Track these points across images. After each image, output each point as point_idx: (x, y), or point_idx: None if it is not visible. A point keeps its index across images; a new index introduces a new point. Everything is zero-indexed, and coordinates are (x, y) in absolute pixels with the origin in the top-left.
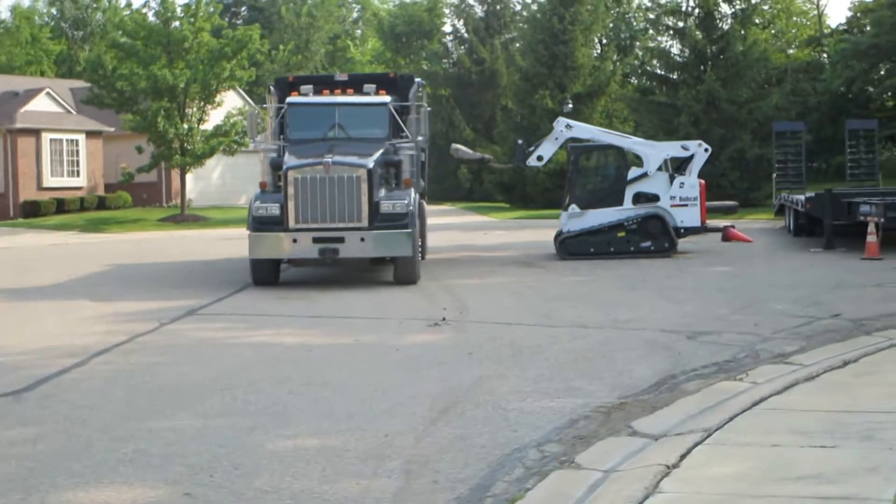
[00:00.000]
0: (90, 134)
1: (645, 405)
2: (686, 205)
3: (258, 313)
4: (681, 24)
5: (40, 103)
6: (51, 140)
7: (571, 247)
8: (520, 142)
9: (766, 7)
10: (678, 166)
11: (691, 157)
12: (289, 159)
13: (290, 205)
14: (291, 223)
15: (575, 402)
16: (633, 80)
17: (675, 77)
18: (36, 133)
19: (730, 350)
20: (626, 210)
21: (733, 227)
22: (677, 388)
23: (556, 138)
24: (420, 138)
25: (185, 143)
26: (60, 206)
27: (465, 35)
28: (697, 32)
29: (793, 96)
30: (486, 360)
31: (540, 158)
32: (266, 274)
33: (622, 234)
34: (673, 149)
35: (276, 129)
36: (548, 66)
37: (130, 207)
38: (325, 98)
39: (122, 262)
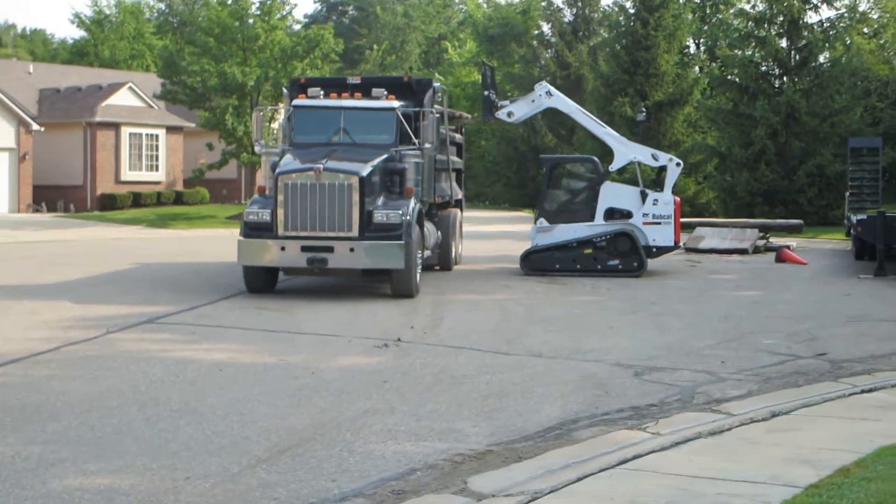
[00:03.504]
0: (170, 129)
1: (509, 455)
2: (659, 223)
3: (217, 325)
4: (762, 32)
5: (122, 97)
6: (130, 134)
7: (536, 262)
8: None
9: (874, 15)
10: (654, 181)
11: (663, 171)
12: (283, 164)
13: (280, 211)
14: (280, 230)
15: (437, 447)
16: (713, 90)
17: (753, 87)
18: (115, 127)
19: (667, 391)
20: (597, 226)
21: (789, 247)
22: (568, 435)
23: (533, 101)
24: (427, 145)
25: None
26: (137, 200)
27: (553, 39)
28: (780, 41)
29: (892, 110)
30: (393, 391)
31: (510, 115)
32: (259, 281)
33: (589, 250)
34: (642, 154)
35: (285, 131)
36: (629, 73)
37: (208, 203)
38: (331, 101)
39: (153, 260)
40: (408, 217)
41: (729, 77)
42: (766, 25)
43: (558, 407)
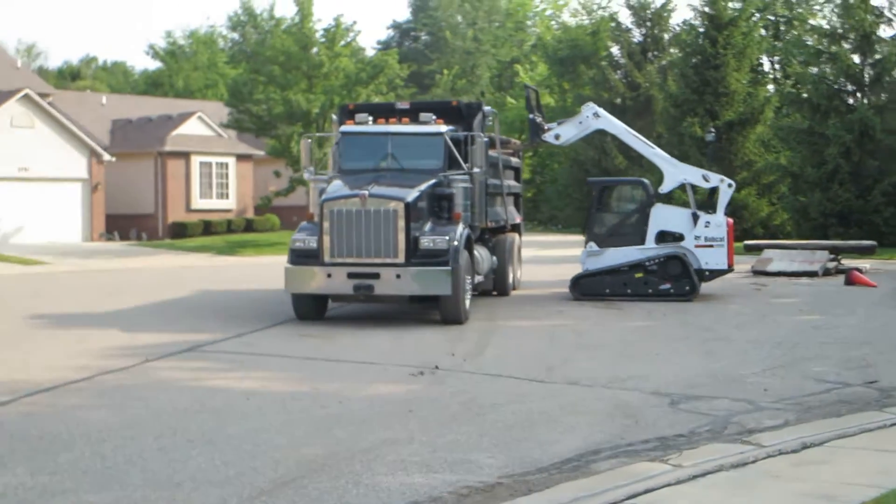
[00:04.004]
0: (240, 157)
1: (518, 488)
2: (712, 245)
3: (258, 352)
4: (834, 47)
5: (191, 127)
6: (200, 162)
7: (585, 287)
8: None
9: None
10: (706, 203)
11: (715, 192)
12: (329, 191)
13: (326, 238)
14: (326, 257)
15: (446, 479)
16: (785, 108)
17: (825, 105)
18: (185, 156)
19: (699, 421)
20: (648, 249)
21: (860, 270)
22: (586, 467)
23: (580, 122)
24: (476, 170)
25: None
26: (207, 228)
27: (622, 60)
28: (852, 56)
29: None
30: (416, 420)
31: (557, 137)
32: (307, 309)
33: (640, 274)
34: (693, 175)
35: (334, 158)
36: (698, 92)
37: (278, 230)
38: (378, 127)
39: (214, 288)
40: (455, 243)
41: (802, 95)
42: (837, 41)
43: (582, 437)
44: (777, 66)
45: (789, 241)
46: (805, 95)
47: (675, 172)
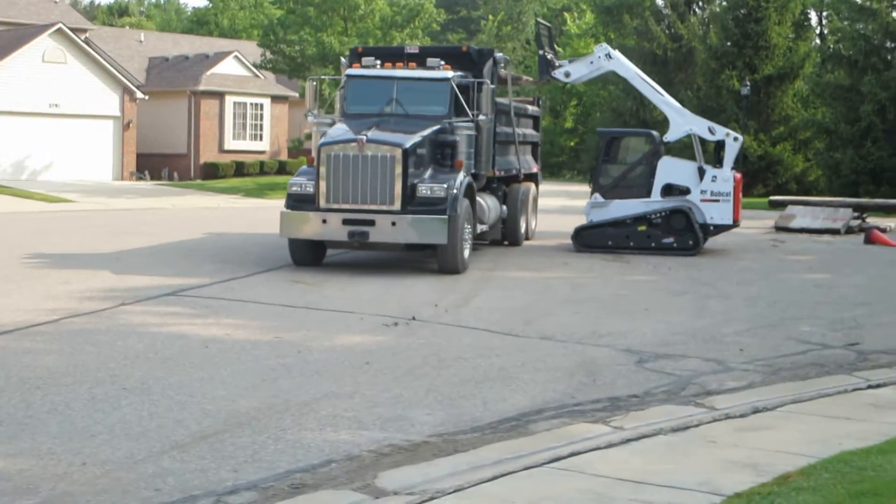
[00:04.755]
0: (275, 98)
1: (444, 448)
2: (718, 200)
3: (238, 298)
4: (875, 4)
5: (227, 66)
6: (234, 103)
7: (587, 239)
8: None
9: None
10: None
11: (722, 146)
12: (328, 135)
13: (322, 184)
14: (322, 203)
15: (373, 437)
16: (824, 64)
17: (863, 62)
18: (220, 96)
19: (660, 381)
20: (653, 202)
21: (884, 229)
22: (523, 427)
23: (592, 62)
24: (482, 117)
25: None
26: (240, 170)
27: (666, 11)
28: (893, 13)
29: None
30: (370, 373)
31: (567, 75)
32: (303, 254)
33: (643, 227)
34: (699, 126)
35: (340, 101)
36: (738, 45)
37: None
38: (384, 71)
39: (228, 230)
40: (454, 191)
41: (841, 51)
42: None
43: (532, 395)
44: (825, 21)
45: (813, 197)
46: (843, 52)
47: (682, 122)
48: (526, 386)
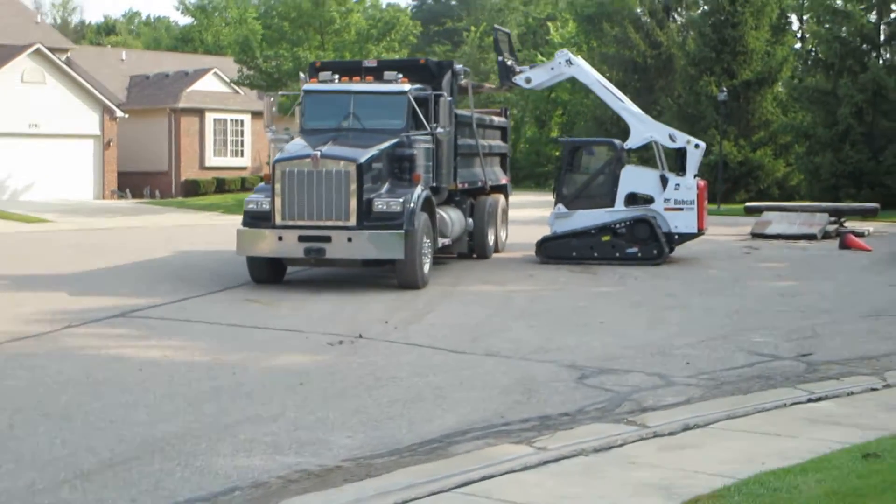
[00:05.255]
0: (256, 114)
1: (357, 473)
2: (681, 209)
3: (186, 318)
4: (849, 6)
5: (207, 83)
6: (214, 120)
7: (551, 250)
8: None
9: None
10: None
11: (684, 153)
12: (284, 150)
13: (277, 200)
14: (278, 219)
15: (285, 462)
16: (801, 68)
17: (839, 64)
18: (200, 112)
19: (596, 398)
20: (617, 212)
21: (860, 234)
22: (444, 449)
23: (552, 68)
24: (440, 130)
25: None
26: (220, 186)
27: (644, 18)
28: (868, 15)
29: None
30: (299, 395)
31: (528, 80)
32: (262, 272)
33: (607, 237)
34: (660, 133)
35: (298, 117)
36: (716, 51)
37: None
38: (341, 86)
39: (198, 248)
40: (411, 205)
41: (817, 54)
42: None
43: (460, 415)
44: (804, 25)
45: (789, 202)
46: (821, 56)
47: (643, 129)
48: (457, 405)
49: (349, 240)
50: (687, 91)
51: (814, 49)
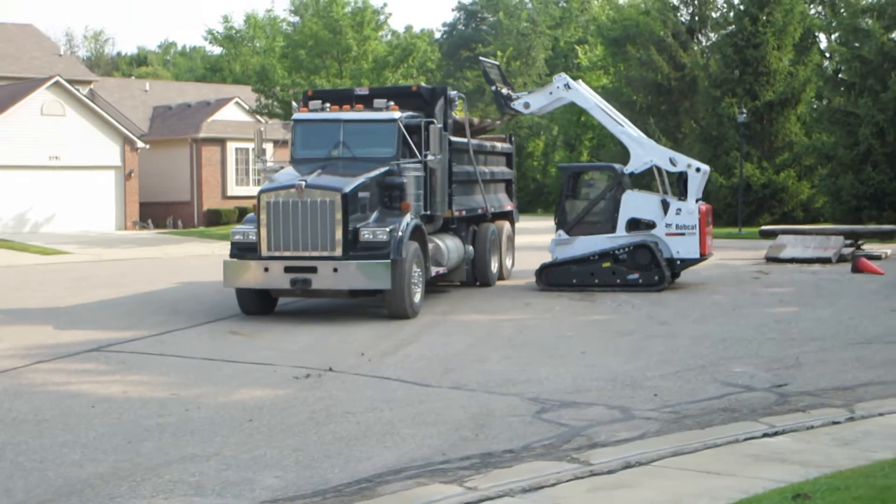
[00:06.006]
0: (278, 143)
1: None
2: (683, 233)
3: (160, 353)
4: (868, 21)
5: (228, 112)
6: (236, 149)
7: (551, 277)
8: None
9: None
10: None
11: (685, 178)
12: (270, 180)
13: (263, 231)
14: (264, 251)
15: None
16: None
17: (859, 84)
18: (221, 142)
19: (547, 433)
20: (618, 238)
21: (872, 256)
22: (372, 489)
23: (551, 93)
24: (431, 157)
25: None
26: (243, 215)
27: (668, 40)
28: (889, 34)
29: None
30: (245, 432)
31: (527, 106)
32: (251, 304)
33: (608, 264)
34: (660, 157)
35: (290, 147)
36: (738, 71)
37: None
38: (331, 114)
39: (204, 279)
40: (399, 234)
41: (840, 75)
42: (874, 18)
43: (403, 453)
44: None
45: (804, 226)
46: (843, 75)
47: (642, 154)
48: (402, 442)
49: (335, 270)
50: (709, 113)
51: (835, 68)
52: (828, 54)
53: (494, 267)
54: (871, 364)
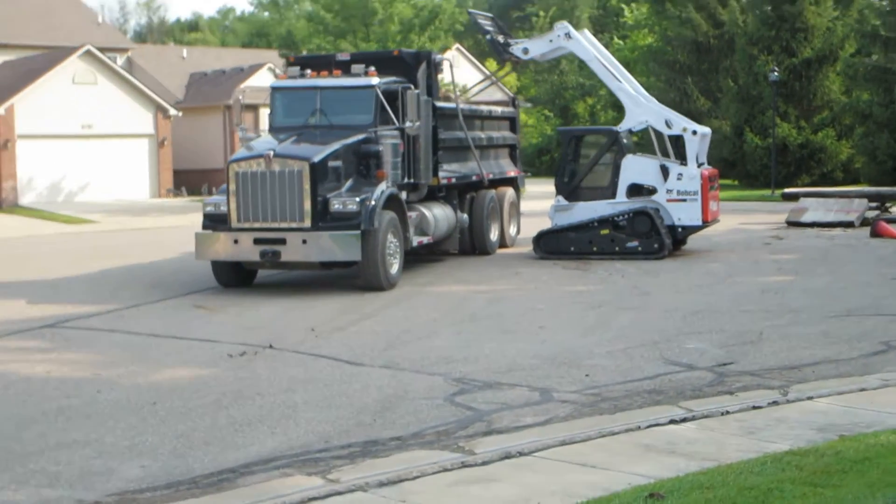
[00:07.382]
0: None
1: None
2: (685, 199)
3: (112, 329)
4: None
5: (261, 78)
6: (268, 115)
7: (548, 245)
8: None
9: None
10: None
11: (681, 140)
12: (240, 150)
13: (232, 202)
14: (234, 222)
15: (49, 497)
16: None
17: (894, 39)
18: (254, 108)
19: (449, 418)
20: (618, 204)
21: (887, 220)
22: (234, 480)
23: (551, 40)
24: (409, 124)
25: None
26: None
27: None
28: None
29: None
30: (141, 417)
31: (526, 51)
32: (226, 276)
33: (606, 231)
34: (656, 117)
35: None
36: (775, 28)
37: None
38: (307, 81)
39: None
40: (371, 203)
41: (878, 30)
42: None
43: (285, 440)
44: None
45: (827, 188)
46: (880, 31)
47: (638, 112)
48: (293, 428)
49: (304, 241)
50: (746, 72)
51: (872, 24)
52: (865, 10)
53: (494, 235)
54: (836, 339)
